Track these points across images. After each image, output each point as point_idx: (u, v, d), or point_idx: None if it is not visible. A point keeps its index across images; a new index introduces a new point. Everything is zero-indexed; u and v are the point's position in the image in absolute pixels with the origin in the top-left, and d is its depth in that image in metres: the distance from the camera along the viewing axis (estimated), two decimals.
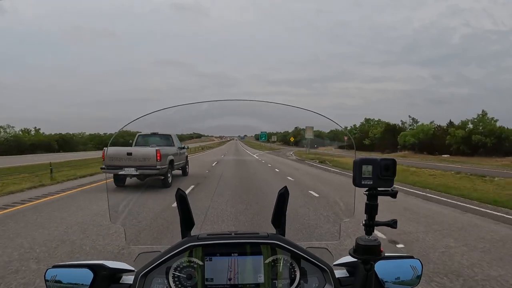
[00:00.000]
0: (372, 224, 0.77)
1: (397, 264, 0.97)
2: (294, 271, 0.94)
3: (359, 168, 0.75)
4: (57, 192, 8.81)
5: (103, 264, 0.95)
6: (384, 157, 0.76)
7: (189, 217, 0.98)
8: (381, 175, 0.75)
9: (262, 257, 0.93)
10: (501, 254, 4.02)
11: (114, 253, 3.92)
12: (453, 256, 3.91)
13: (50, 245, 4.23)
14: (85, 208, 6.54)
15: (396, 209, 6.55)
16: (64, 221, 5.56)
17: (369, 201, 0.77)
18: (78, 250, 4.05)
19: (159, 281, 0.92)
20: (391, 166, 0.75)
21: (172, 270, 0.92)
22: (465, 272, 3.41)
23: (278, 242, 0.93)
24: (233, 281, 0.91)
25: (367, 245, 0.77)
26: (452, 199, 8.33)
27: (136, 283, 0.90)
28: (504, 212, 6.75)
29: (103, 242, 4.34)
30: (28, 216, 6.03)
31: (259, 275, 0.92)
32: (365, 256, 0.77)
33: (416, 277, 0.96)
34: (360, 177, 0.75)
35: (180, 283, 0.91)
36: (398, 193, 0.78)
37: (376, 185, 0.75)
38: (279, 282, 0.93)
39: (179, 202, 0.95)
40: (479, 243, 4.52)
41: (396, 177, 0.75)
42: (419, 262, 0.98)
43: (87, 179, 11.93)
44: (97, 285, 0.91)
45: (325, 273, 0.94)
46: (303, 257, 0.94)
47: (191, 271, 0.91)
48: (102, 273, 0.93)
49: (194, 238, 0.93)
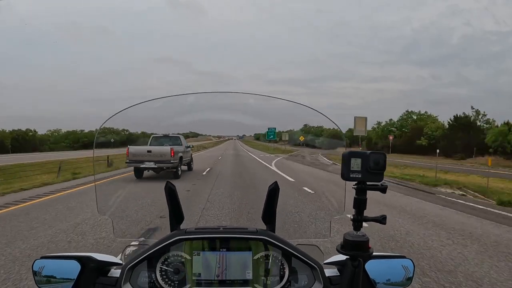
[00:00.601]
0: (360, 219, 0.76)
1: (389, 264, 0.95)
2: (283, 268, 0.93)
3: (347, 161, 0.74)
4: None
5: (91, 256, 0.94)
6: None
7: (179, 210, 0.97)
8: (370, 169, 0.73)
9: (251, 253, 0.92)
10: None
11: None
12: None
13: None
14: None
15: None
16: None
17: (357, 195, 0.75)
18: None
19: (146, 275, 0.91)
20: (381, 160, 0.74)
21: (160, 263, 0.91)
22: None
23: (267, 238, 0.92)
24: (221, 277, 0.90)
25: (355, 240, 0.75)
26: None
27: (123, 276, 0.89)
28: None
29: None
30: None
31: (248, 271, 0.91)
32: (353, 252, 0.75)
33: (408, 277, 0.94)
34: (348, 170, 0.73)
35: (167, 277, 0.90)
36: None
37: (365, 179, 0.74)
38: (268, 278, 0.91)
39: (168, 195, 0.94)
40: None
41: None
42: (411, 262, 0.96)
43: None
44: (84, 277, 0.90)
45: (314, 271, 0.92)
46: (293, 254, 0.92)
47: (178, 265, 0.91)
48: (90, 266, 0.92)
49: (182, 231, 0.93)
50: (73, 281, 0.89)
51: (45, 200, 7.43)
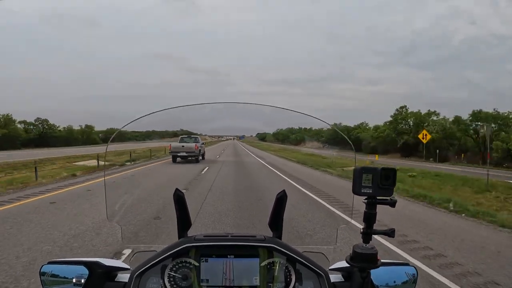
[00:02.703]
0: (370, 232, 0.77)
1: (392, 271, 0.98)
2: (289, 274, 0.94)
3: (359, 176, 0.75)
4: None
5: (98, 261, 0.94)
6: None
7: (186, 217, 0.97)
8: (381, 184, 0.74)
9: (258, 259, 0.93)
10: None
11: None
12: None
13: None
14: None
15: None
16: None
17: (368, 209, 0.77)
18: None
19: (155, 281, 0.92)
20: (392, 175, 0.75)
21: (168, 270, 0.92)
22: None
23: (275, 245, 0.93)
24: (228, 283, 0.91)
25: (364, 253, 0.77)
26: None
27: (131, 282, 0.90)
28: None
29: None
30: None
31: (255, 278, 0.92)
32: (362, 264, 0.77)
33: (411, 284, 0.97)
34: (360, 185, 0.75)
35: (175, 283, 0.91)
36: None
37: (376, 194, 0.75)
38: (274, 285, 0.93)
39: (176, 202, 0.94)
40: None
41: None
42: (414, 269, 0.99)
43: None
44: (92, 282, 0.91)
45: (320, 278, 0.94)
46: (299, 261, 0.94)
47: (186, 271, 0.91)
48: (97, 271, 0.93)
49: (190, 239, 0.93)
50: (81, 286, 0.90)
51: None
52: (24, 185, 9.24)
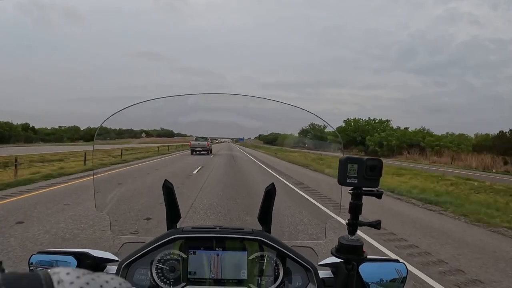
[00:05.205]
0: (355, 223, 0.77)
1: (382, 267, 0.97)
2: (278, 268, 0.94)
3: (344, 166, 0.75)
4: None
5: (87, 252, 0.95)
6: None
7: (176, 209, 0.97)
8: (367, 175, 0.74)
9: (246, 253, 0.93)
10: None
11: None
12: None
13: None
14: None
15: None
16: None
17: (353, 200, 0.76)
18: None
19: (142, 272, 0.92)
20: (378, 166, 0.75)
21: (156, 261, 0.92)
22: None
23: (263, 238, 0.93)
24: (216, 276, 0.91)
25: (349, 244, 0.76)
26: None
27: (119, 272, 0.90)
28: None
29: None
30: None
31: (243, 271, 0.92)
32: (347, 256, 0.77)
33: (401, 281, 0.96)
34: (345, 175, 0.74)
35: (163, 275, 0.91)
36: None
37: (361, 184, 0.75)
38: (262, 279, 0.93)
39: (166, 194, 0.94)
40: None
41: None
42: (404, 266, 0.97)
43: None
44: None
45: (308, 272, 0.94)
46: (287, 255, 0.93)
47: (174, 263, 0.91)
48: (86, 262, 0.93)
49: (178, 230, 0.93)
50: None
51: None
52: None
